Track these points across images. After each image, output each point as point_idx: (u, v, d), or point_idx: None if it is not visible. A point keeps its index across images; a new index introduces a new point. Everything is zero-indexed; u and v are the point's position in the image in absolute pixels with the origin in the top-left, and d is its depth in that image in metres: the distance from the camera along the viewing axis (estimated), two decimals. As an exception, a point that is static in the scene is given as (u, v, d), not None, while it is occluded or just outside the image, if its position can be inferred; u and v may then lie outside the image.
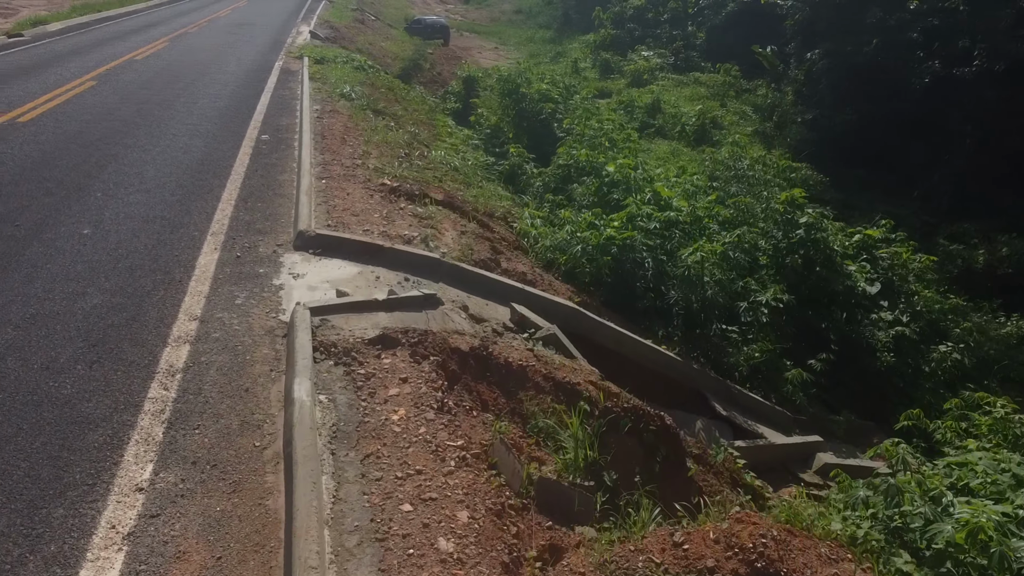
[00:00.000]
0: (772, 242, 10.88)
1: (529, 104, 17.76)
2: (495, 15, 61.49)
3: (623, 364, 8.75)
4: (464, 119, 22.27)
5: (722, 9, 36.30)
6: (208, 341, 5.87)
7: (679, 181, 14.22)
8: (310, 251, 7.78)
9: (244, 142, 11.95)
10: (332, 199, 9.56)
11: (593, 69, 35.96)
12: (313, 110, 14.61)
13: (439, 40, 41.14)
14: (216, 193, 9.41)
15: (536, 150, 17.96)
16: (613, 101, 29.23)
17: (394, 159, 11.89)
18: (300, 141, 11.93)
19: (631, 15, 40.62)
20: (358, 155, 11.74)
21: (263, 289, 6.86)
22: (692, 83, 32.24)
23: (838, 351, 10.57)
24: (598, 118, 16.74)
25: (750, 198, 12.08)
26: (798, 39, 29.42)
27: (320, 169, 10.79)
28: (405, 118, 16.89)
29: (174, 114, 13.56)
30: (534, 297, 8.10)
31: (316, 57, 20.92)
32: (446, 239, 8.78)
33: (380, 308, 6.58)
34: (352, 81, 18.15)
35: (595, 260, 9.35)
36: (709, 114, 24.88)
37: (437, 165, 13.00)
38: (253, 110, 14.29)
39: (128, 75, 17.17)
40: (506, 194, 14.60)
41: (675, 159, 21.88)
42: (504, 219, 11.63)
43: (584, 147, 14.71)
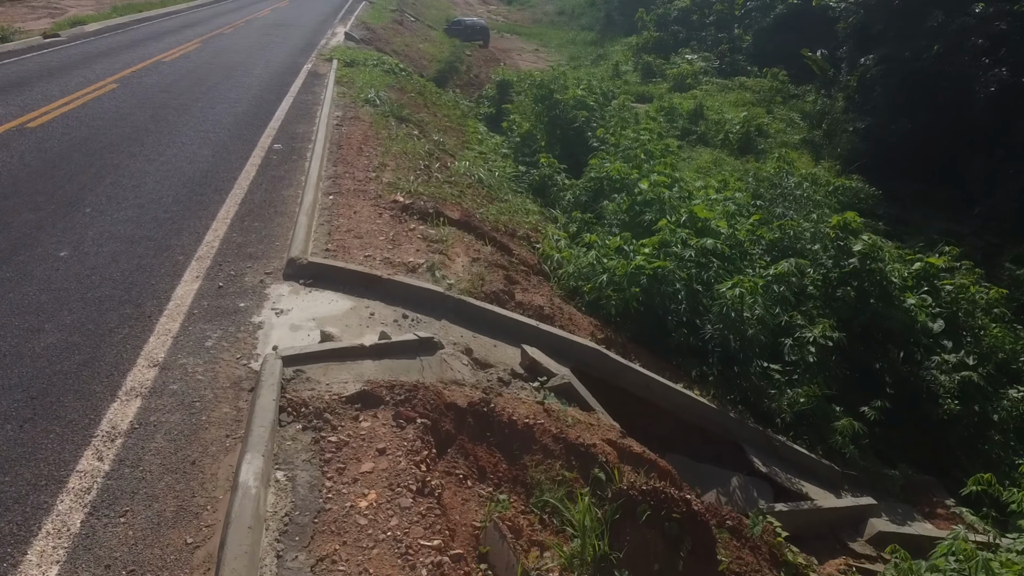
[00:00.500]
0: (821, 271, 9.76)
1: (562, 111, 16.81)
2: (537, 16, 60.58)
3: (650, 411, 7.79)
4: (497, 124, 21.41)
5: (770, 11, 34.80)
6: (163, 395, 5.08)
7: (719, 198, 13.13)
8: (300, 281, 6.96)
9: (255, 152, 11.24)
10: (336, 218, 8.76)
11: (634, 73, 34.80)
12: (333, 117, 13.88)
13: (478, 42, 40.40)
14: (213, 210, 8.68)
15: (569, 159, 17.00)
16: (653, 106, 28.09)
17: (412, 172, 11.07)
18: (312, 152, 11.18)
19: (675, 17, 39.30)
20: (373, 167, 10.94)
21: (239, 328, 6.06)
22: (737, 88, 30.89)
23: (894, 395, 9.43)
24: (634, 127, 15.73)
25: (797, 220, 10.96)
26: (850, 43, 27.90)
27: (329, 183, 10.01)
28: (432, 125, 16.09)
29: (189, 120, 12.94)
30: (550, 336, 7.17)
31: (346, 60, 20.27)
32: (455, 267, 7.90)
33: (367, 355, 5.72)
34: (379, 85, 17.41)
35: (622, 291, 8.39)
36: (754, 121, 23.60)
37: (459, 178, 12.15)
38: (271, 116, 13.61)
39: (152, 78, 16.68)
40: (534, 208, 13.69)
41: (717, 169, 20.70)
42: (527, 239, 10.72)
43: (617, 159, 13.72)
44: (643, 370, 7.59)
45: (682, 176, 14.79)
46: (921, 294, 10.22)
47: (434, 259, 7.83)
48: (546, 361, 6.69)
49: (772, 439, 8.13)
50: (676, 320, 8.70)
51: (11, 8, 35.58)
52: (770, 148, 23.08)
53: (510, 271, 8.29)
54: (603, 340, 8.11)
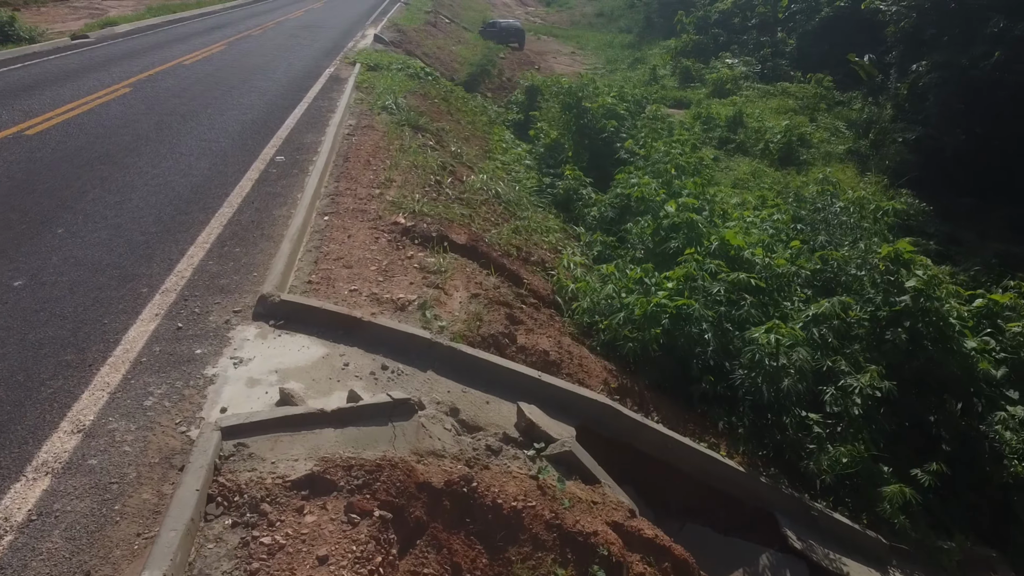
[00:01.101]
0: (869, 309, 8.64)
1: (591, 120, 15.82)
2: (575, 18, 59.50)
3: (669, 474, 6.79)
4: (525, 131, 20.50)
5: (815, 14, 33.26)
6: (77, 473, 4.26)
7: (756, 219, 12.03)
8: (271, 322, 6.12)
9: (255, 164, 10.49)
10: (327, 243, 7.92)
11: (672, 77, 33.56)
12: (345, 126, 13.10)
13: (513, 44, 39.54)
14: (193, 232, 7.90)
15: (598, 170, 16.00)
16: (690, 113, 26.89)
17: (420, 188, 10.20)
18: (315, 165, 10.38)
19: (716, 20, 37.89)
20: (378, 183, 10.11)
21: (188, 382, 5.23)
22: (779, 94, 29.49)
23: (951, 453, 8.27)
24: (666, 139, 14.67)
25: (842, 249, 9.80)
26: (900, 48, 26.33)
27: (327, 202, 9.19)
28: (452, 134, 15.22)
29: (193, 128, 12.26)
30: (553, 390, 6.23)
31: (370, 63, 19.54)
32: (451, 304, 6.99)
33: (328, 422, 4.84)
34: (400, 91, 16.61)
35: (642, 331, 7.40)
36: (797, 130, 22.27)
37: (473, 194, 11.25)
38: (280, 124, 12.87)
39: (168, 81, 16.11)
40: (556, 224, 12.74)
41: (756, 182, 19.50)
42: (541, 264, 9.77)
43: (646, 174, 12.69)
44: (661, 429, 6.60)
45: (717, 192, 13.71)
46: (983, 336, 9.02)
47: (428, 295, 6.94)
48: (546, 422, 5.74)
49: (809, 507, 7.07)
50: (702, 364, 7.67)
51: (53, 8, 35.82)
52: (813, 159, 21.79)
53: (513, 308, 7.34)
54: (618, 389, 7.13)
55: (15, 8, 34.24)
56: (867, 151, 22.86)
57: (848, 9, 32.23)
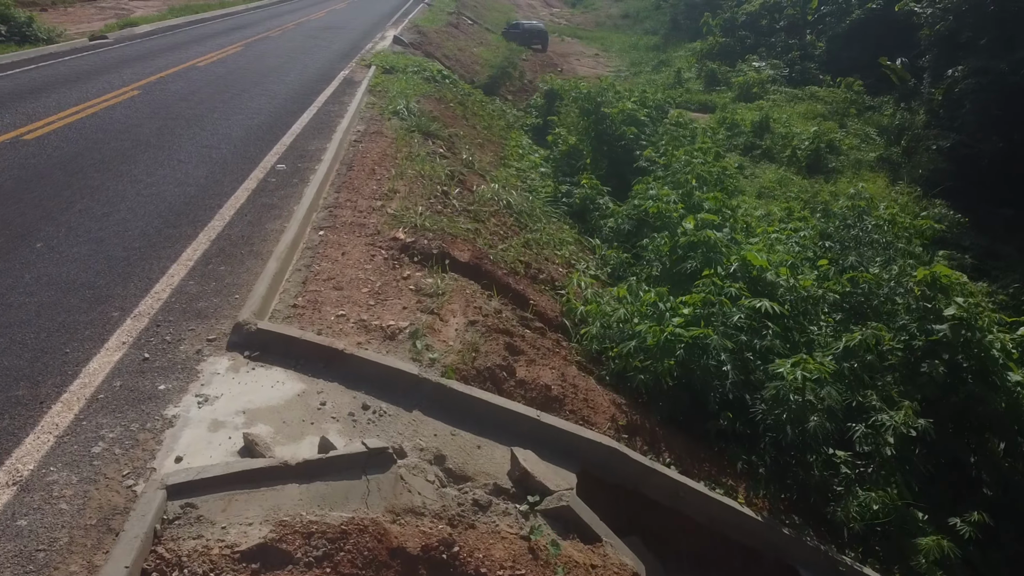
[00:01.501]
0: (903, 338, 7.93)
1: (610, 126, 15.18)
2: (600, 19, 58.74)
3: (681, 523, 6.18)
4: (544, 136, 19.91)
5: (846, 16, 32.22)
6: (2, 538, 3.76)
7: (781, 235, 11.33)
8: (245, 353, 5.60)
9: (254, 172, 10.02)
10: (319, 261, 7.40)
11: (697, 80, 32.74)
12: (353, 132, 12.60)
13: (537, 46, 38.98)
14: (178, 248, 7.42)
15: (617, 179, 15.37)
16: (715, 118, 26.10)
17: (425, 200, 9.66)
18: (315, 175, 9.89)
19: (743, 22, 36.94)
20: (381, 194, 9.58)
21: (145, 424, 4.72)
22: (808, 98, 28.55)
23: (992, 497, 7.55)
24: (687, 148, 13.99)
25: (873, 270, 9.08)
26: (934, 52, 25.31)
27: (324, 215, 8.68)
28: (466, 139, 14.68)
29: (196, 133, 11.84)
30: (553, 431, 5.63)
31: (386, 66, 19.07)
32: (446, 332, 6.43)
33: (293, 477, 4.31)
34: (415, 94, 16.11)
35: (654, 361, 6.78)
36: (826, 136, 21.41)
37: (481, 205, 10.69)
38: (286, 130, 12.41)
39: (178, 84, 15.76)
40: (570, 236, 12.15)
41: (782, 190, 18.73)
42: (551, 282, 9.18)
43: (665, 185, 12.03)
44: (673, 474, 5.98)
45: (741, 202, 13.02)
46: (1029, 368, 8.26)
47: (421, 322, 6.38)
48: (542, 471, 5.16)
49: (837, 561, 6.40)
50: (720, 398, 7.03)
51: (80, 9, 35.88)
52: (842, 167, 20.95)
53: (514, 336, 6.75)
54: (627, 426, 6.52)
55: (43, 8, 34.48)
56: (899, 159, 21.93)
57: (880, 11, 31.17)
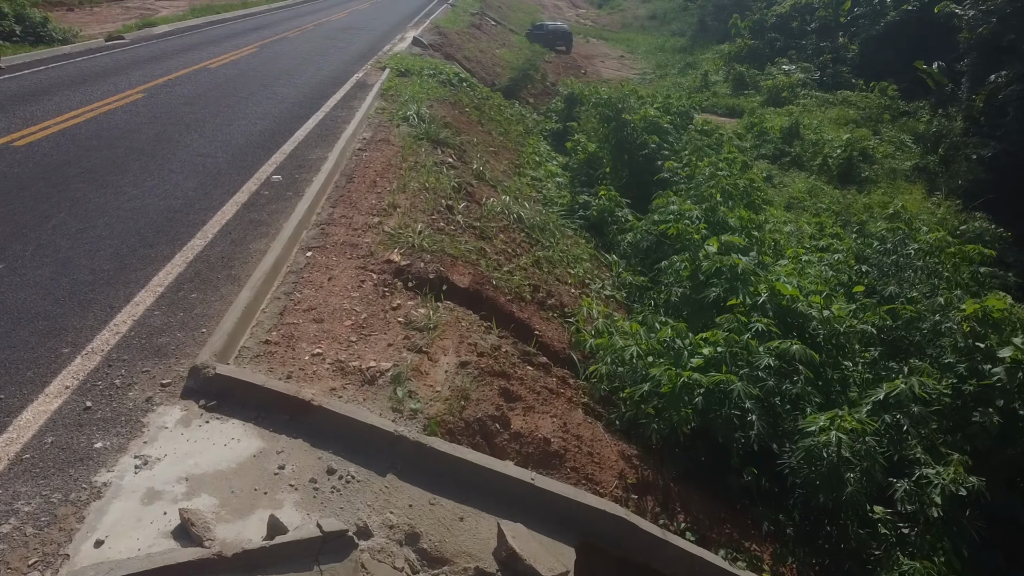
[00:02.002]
0: (950, 380, 7.05)
1: (631, 133, 14.35)
2: (627, 20, 57.71)
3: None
4: (563, 141, 19.13)
5: (880, 18, 30.95)
6: None
7: (813, 257, 10.45)
8: (200, 403, 4.90)
9: (247, 184, 9.37)
10: (302, 287, 6.71)
11: (725, 83, 31.69)
12: (358, 140, 11.92)
13: (561, 47, 38.16)
14: (151, 271, 6.77)
15: (638, 188, 14.53)
16: (742, 123, 25.11)
17: (427, 215, 8.94)
18: (312, 187, 9.21)
19: (772, 24, 35.75)
20: (380, 209, 8.87)
21: (68, 496, 4.04)
22: (839, 103, 27.42)
23: (1053, 564, 6.67)
24: (712, 158, 13.10)
25: (916, 302, 8.15)
26: (973, 55, 24.10)
27: (316, 233, 7.98)
28: (480, 147, 13.94)
29: (194, 140, 11.24)
30: (549, 497, 4.87)
31: (401, 68, 18.38)
32: (434, 375, 5.68)
33: (229, 571, 3.60)
34: (428, 99, 15.40)
35: (670, 409, 5.99)
36: (858, 144, 20.35)
37: (491, 219, 9.95)
38: (289, 137, 11.76)
39: (185, 87, 15.21)
40: (585, 252, 11.37)
41: (812, 201, 17.74)
42: (560, 309, 8.40)
43: (688, 199, 11.19)
44: (687, 547, 5.18)
45: (767, 218, 12.13)
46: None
47: (407, 362, 5.65)
48: (533, 549, 4.40)
49: (875, 644, 5.57)
50: (743, 450, 6.22)
51: (107, 9, 35.77)
52: (876, 176, 19.88)
53: (512, 379, 5.99)
54: (637, 484, 5.74)
55: (70, 8, 34.40)
56: (936, 168, 20.80)
57: (916, 13, 29.89)
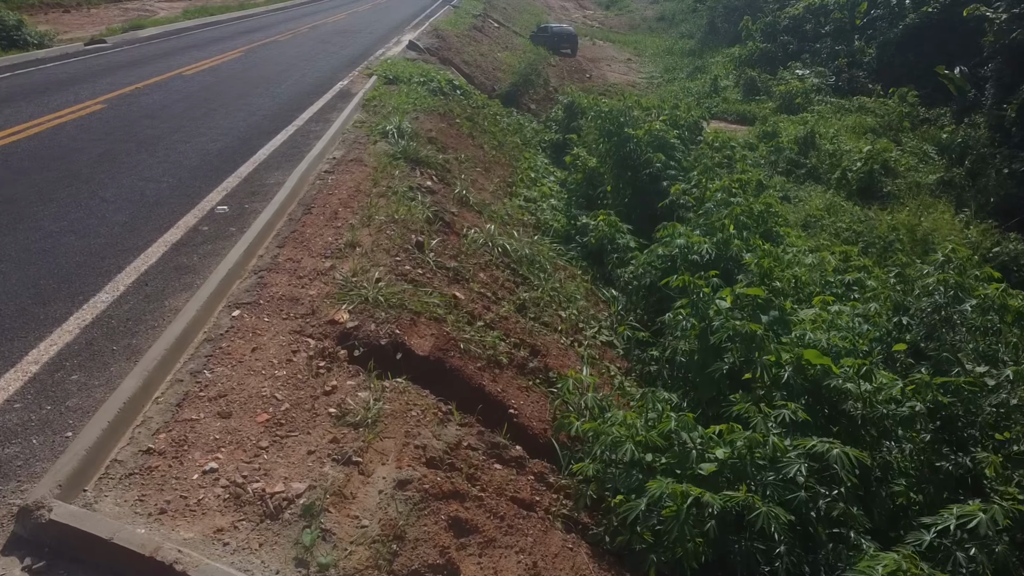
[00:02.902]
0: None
1: (634, 149, 12.93)
2: (635, 22, 56.16)
3: None
4: (563, 154, 17.71)
5: (899, 21, 29.29)
6: None
7: (842, 298, 9.01)
8: (25, 562, 3.54)
9: (185, 218, 8.01)
10: (216, 364, 5.32)
11: (735, 88, 30.13)
12: (327, 160, 10.55)
13: (566, 50, 36.70)
14: (31, 341, 5.40)
15: (641, 210, 13.09)
16: (754, 131, 23.61)
17: (391, 255, 7.54)
18: (259, 221, 7.84)
19: (785, 26, 34.13)
20: (336, 250, 7.49)
21: None
22: (856, 110, 25.84)
23: None
24: (724, 180, 11.60)
25: (973, 374, 6.69)
26: (998, 60, 22.51)
27: (251, 284, 6.60)
28: (468, 165, 12.54)
29: (142, 161, 9.90)
30: None
31: (390, 75, 17.00)
32: (363, 500, 4.27)
33: None
34: (416, 109, 14.02)
35: (675, 536, 4.60)
36: (880, 157, 18.82)
37: (470, 255, 8.56)
38: (250, 157, 10.40)
39: (151, 97, 13.89)
40: (580, 288, 9.98)
41: (832, 220, 16.26)
42: (545, 371, 6.98)
43: (696, 229, 9.75)
44: None
45: (786, 247, 10.66)
46: None
47: (328, 482, 4.25)
48: None
49: None
50: (769, 583, 4.79)
51: (104, 10, 34.69)
52: (898, 191, 18.35)
53: (468, 501, 4.57)
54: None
55: (66, 9, 33.26)
56: (962, 181, 19.24)
57: (936, 16, 28.24)
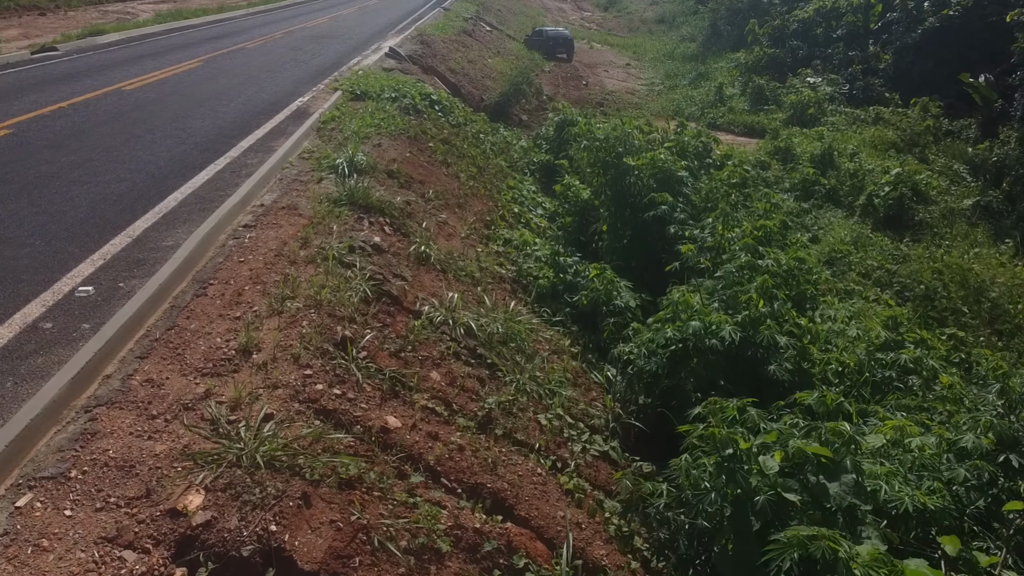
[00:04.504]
0: None
1: (634, 183, 10.72)
2: (634, 24, 53.83)
3: None
4: (553, 177, 15.49)
5: (918, 25, 27.02)
6: None
7: (889, 370, 6.85)
8: None
9: (27, 308, 5.80)
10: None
11: (742, 97, 27.83)
12: (251, 209, 8.33)
13: (561, 55, 34.44)
14: None
15: (644, 254, 10.90)
16: (764, 146, 21.36)
17: (298, 368, 5.33)
18: (123, 311, 5.63)
19: (794, 30, 31.82)
20: (221, 361, 5.27)
21: None
22: (873, 121, 23.59)
23: None
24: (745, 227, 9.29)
25: None
26: (1031, 68, 20.40)
27: (72, 435, 4.41)
28: (433, 205, 10.31)
29: (16, 211, 7.71)
30: None
31: (358, 90, 14.77)
32: None
33: None
34: (379, 132, 11.81)
35: None
36: (909, 180, 16.57)
37: (421, 345, 6.35)
38: (156, 204, 8.18)
39: (71, 120, 11.69)
40: (567, 371, 7.77)
41: (859, 255, 14.02)
42: (508, 558, 4.78)
43: (714, 301, 7.55)
44: None
45: (821, 311, 8.44)
46: None
47: None
48: None
49: None
50: None
51: (83, 13, 32.55)
52: (932, 219, 16.10)
53: None
54: None
55: (41, 12, 31.01)
56: (1000, 206, 17.00)
57: (958, 19, 25.98)
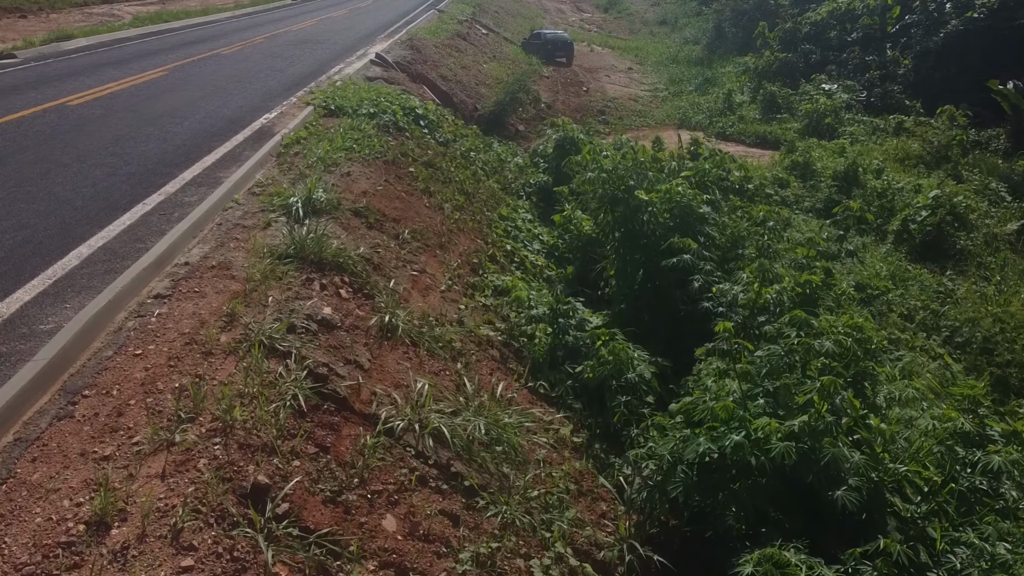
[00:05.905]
0: None
1: (648, 222, 8.93)
2: (635, 26, 51.96)
3: None
4: (553, 200, 13.71)
5: (939, 28, 25.20)
6: None
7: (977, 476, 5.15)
8: None
9: None
10: None
11: (752, 105, 25.98)
12: (169, 270, 6.54)
13: (561, 59, 32.61)
14: None
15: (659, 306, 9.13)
16: (779, 159, 19.56)
17: (175, 548, 3.57)
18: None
19: (806, 33, 29.95)
20: (54, 549, 3.50)
21: None
22: (893, 131, 21.80)
23: None
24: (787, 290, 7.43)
25: None
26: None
27: None
28: (409, 249, 8.54)
29: None
30: None
31: (333, 104, 12.97)
32: None
33: None
34: (350, 158, 10.03)
35: None
36: (948, 201, 14.77)
37: (376, 473, 4.57)
38: (50, 266, 6.41)
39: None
40: (570, 475, 6.03)
41: (899, 293, 12.24)
42: None
43: (757, 390, 5.79)
44: None
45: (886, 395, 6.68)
46: None
47: None
48: None
49: None
50: None
51: (66, 15, 30.92)
52: (976, 247, 14.30)
53: None
54: None
55: (22, 15, 29.19)
56: (1048, 231, 15.19)
57: (983, 23, 24.17)
